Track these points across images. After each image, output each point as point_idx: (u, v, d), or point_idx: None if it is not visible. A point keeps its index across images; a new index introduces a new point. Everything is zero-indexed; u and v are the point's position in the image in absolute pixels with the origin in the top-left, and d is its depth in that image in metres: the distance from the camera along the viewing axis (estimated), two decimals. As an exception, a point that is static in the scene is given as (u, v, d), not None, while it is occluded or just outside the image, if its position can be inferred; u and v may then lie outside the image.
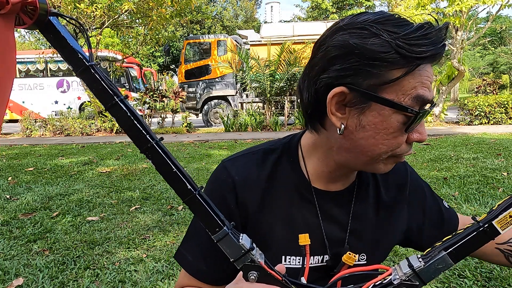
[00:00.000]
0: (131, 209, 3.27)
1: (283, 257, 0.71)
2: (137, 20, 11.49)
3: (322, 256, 0.73)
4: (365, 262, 0.76)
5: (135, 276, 2.09)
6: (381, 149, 0.61)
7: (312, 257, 0.72)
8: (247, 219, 0.72)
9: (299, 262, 0.71)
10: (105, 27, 10.82)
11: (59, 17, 0.49)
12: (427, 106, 0.59)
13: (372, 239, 0.77)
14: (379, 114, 0.58)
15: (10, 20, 0.44)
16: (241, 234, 0.54)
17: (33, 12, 0.45)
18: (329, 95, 0.59)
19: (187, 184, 0.51)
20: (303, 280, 0.55)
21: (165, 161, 0.50)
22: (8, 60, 0.46)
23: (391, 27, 0.56)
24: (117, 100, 0.49)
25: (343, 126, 0.61)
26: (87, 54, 0.49)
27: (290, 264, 0.71)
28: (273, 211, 0.72)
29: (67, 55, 0.48)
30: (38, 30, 0.49)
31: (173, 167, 0.51)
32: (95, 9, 9.23)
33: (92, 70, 0.48)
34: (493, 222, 0.49)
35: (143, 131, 0.50)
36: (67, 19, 0.50)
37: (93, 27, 10.08)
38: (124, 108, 0.49)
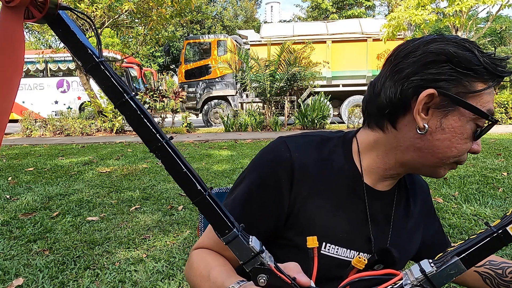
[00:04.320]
0: (131, 209, 3.27)
1: (324, 243, 0.72)
2: (137, 20, 11.50)
3: (358, 252, 0.74)
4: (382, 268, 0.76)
5: (135, 276, 2.09)
6: (452, 152, 0.67)
7: (348, 251, 0.74)
8: (297, 196, 0.73)
9: (336, 251, 0.73)
10: (105, 27, 10.83)
11: (68, 12, 0.48)
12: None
13: (401, 246, 0.79)
14: (459, 119, 0.65)
15: (20, 13, 0.43)
16: (251, 236, 0.53)
17: (42, 6, 0.44)
18: (421, 95, 0.64)
19: (197, 184, 0.50)
20: (312, 283, 0.53)
21: (175, 161, 0.49)
22: (16, 55, 0.44)
23: (478, 47, 0.65)
24: (127, 97, 0.48)
25: (426, 126, 0.66)
26: (96, 50, 0.48)
27: (328, 252, 0.72)
28: (322, 195, 0.74)
29: (76, 51, 0.47)
30: (40, 26, 0.48)
31: (183, 167, 0.49)
32: (95, 9, 9.24)
33: (102, 67, 0.47)
34: (507, 228, 0.47)
35: (153, 129, 0.48)
36: (77, 13, 0.50)
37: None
38: (134, 106, 0.48)
